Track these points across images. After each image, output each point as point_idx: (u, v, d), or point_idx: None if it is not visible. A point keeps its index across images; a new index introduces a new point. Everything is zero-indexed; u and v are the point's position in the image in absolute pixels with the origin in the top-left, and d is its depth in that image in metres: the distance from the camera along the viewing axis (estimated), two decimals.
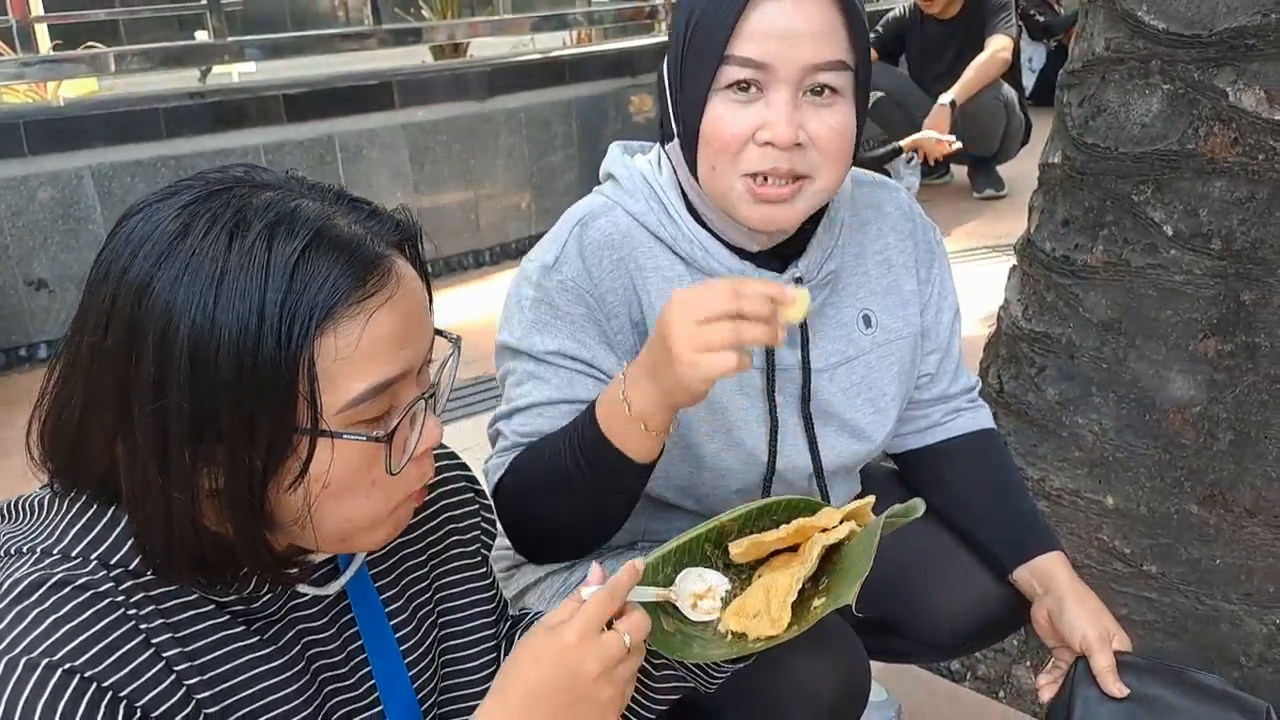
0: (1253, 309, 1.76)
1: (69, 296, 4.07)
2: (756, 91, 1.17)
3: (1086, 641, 1.31)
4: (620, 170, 1.34)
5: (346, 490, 0.86)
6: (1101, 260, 1.90)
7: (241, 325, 0.78)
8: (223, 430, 0.79)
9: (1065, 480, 1.97)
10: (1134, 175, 1.85)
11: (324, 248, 0.81)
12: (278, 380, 0.79)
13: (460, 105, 4.96)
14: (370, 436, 0.84)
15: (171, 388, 0.78)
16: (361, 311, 0.82)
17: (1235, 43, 1.71)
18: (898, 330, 1.42)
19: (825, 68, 1.16)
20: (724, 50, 1.15)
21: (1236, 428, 1.80)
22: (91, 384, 0.82)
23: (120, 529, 0.86)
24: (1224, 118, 1.74)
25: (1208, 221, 1.78)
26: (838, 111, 1.19)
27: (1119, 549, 1.93)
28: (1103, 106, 1.90)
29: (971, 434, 1.51)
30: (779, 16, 1.14)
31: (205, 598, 0.89)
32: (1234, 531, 1.83)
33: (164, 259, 0.80)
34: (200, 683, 0.86)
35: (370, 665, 1.03)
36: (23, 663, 0.78)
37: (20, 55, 4.42)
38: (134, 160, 4.13)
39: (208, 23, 4.77)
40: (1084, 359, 1.94)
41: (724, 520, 1.11)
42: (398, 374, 0.85)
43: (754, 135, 1.17)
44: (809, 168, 1.20)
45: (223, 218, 0.80)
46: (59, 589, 0.82)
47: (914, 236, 1.45)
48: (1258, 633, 1.84)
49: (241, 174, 0.86)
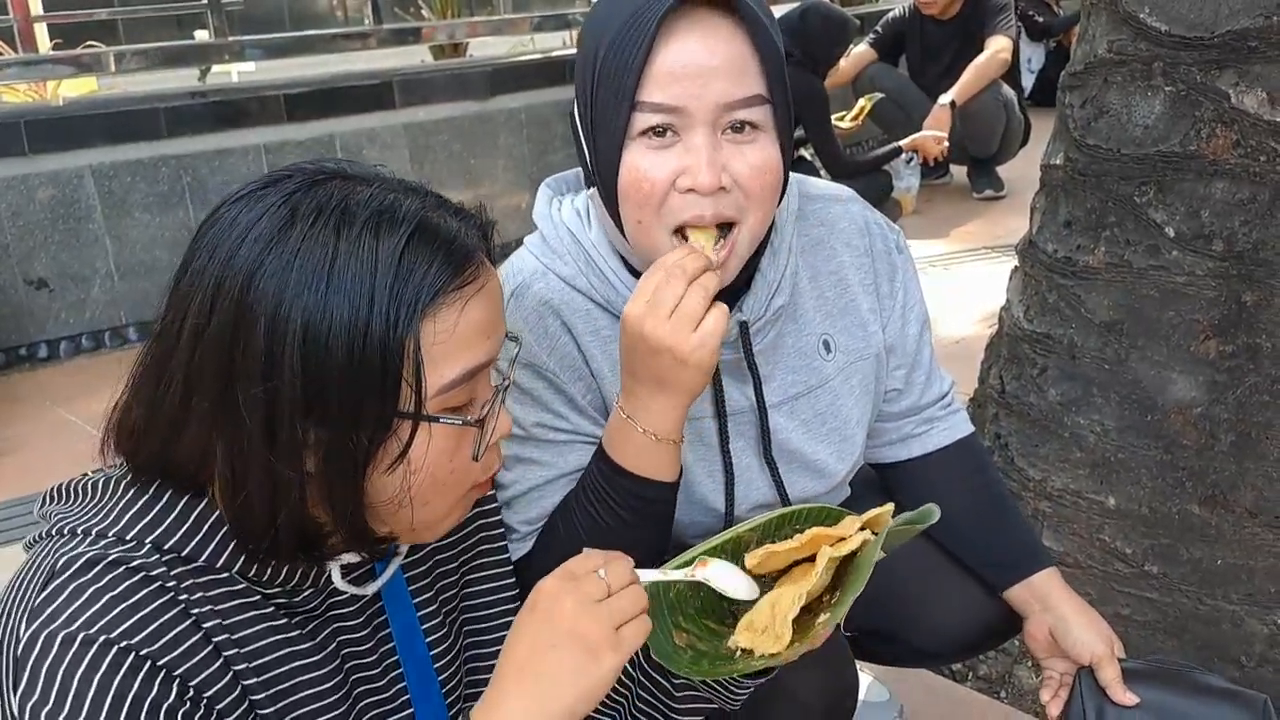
0: (1254, 310, 1.77)
1: (69, 296, 4.07)
2: (673, 135, 1.10)
3: (1096, 656, 1.32)
4: (546, 227, 1.28)
5: (431, 475, 0.89)
6: (1103, 261, 1.90)
7: (353, 309, 0.82)
8: (330, 411, 0.82)
9: (1067, 481, 1.98)
10: (1136, 177, 1.85)
11: (425, 239, 0.85)
12: (385, 363, 0.83)
13: (460, 105, 4.96)
14: (465, 421, 0.88)
15: (283, 369, 0.81)
16: (459, 299, 0.87)
17: (1237, 45, 1.71)
18: (858, 351, 1.37)
19: (741, 104, 1.09)
20: (634, 96, 1.08)
21: (1238, 429, 1.81)
22: (194, 366, 0.84)
23: (177, 516, 0.88)
24: (1226, 120, 1.75)
25: (1209, 223, 1.78)
26: (760, 148, 1.12)
27: (1120, 549, 1.93)
28: (1105, 108, 1.90)
29: (950, 446, 1.47)
30: (686, 56, 1.07)
31: (252, 588, 0.91)
32: (1235, 532, 1.84)
33: (273, 245, 0.83)
34: (247, 669, 0.89)
35: (401, 667, 1.05)
36: (79, 639, 0.80)
37: (20, 55, 4.42)
38: (134, 160, 4.13)
39: (208, 22, 4.79)
40: (1086, 360, 1.94)
41: (741, 532, 1.09)
42: (486, 360, 0.90)
43: (675, 182, 1.11)
44: (735, 211, 1.13)
45: (328, 208, 0.84)
46: (113, 568, 0.84)
47: (870, 252, 1.38)
48: (1259, 633, 1.85)
49: (335, 167, 0.90)
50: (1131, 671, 1.32)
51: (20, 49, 4.45)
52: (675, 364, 1.06)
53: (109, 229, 4.11)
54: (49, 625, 0.81)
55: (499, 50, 6.05)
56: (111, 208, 4.09)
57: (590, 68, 1.12)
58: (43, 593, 0.83)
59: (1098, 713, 1.30)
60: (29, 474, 3.12)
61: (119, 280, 4.16)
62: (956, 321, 3.81)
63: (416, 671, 1.06)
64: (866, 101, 5.43)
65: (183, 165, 4.22)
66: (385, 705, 1.03)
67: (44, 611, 0.82)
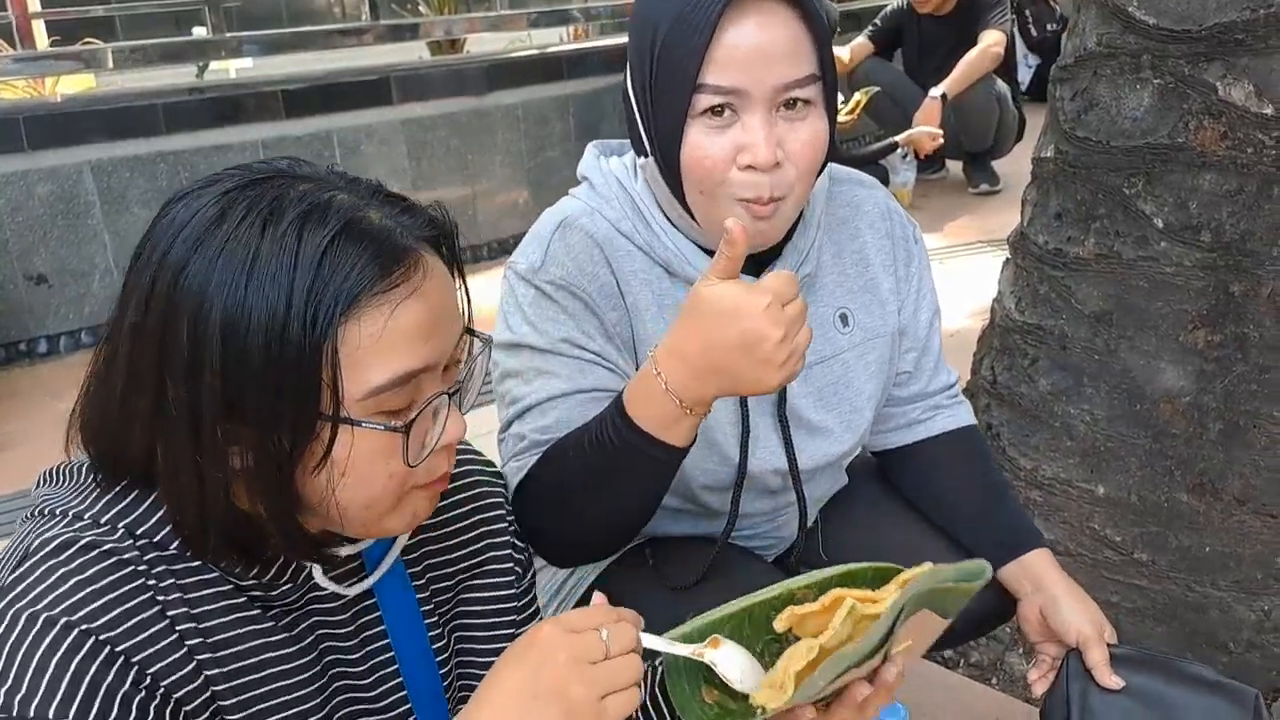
0: (1242, 300, 1.79)
1: (69, 291, 4.09)
2: (731, 114, 1.17)
3: (1083, 637, 1.34)
4: (595, 175, 1.34)
5: (364, 477, 0.87)
6: (1093, 252, 1.92)
7: (270, 309, 0.80)
8: (250, 411, 0.82)
9: (1057, 470, 2.00)
10: (1125, 168, 1.87)
11: (353, 237, 0.83)
12: (303, 364, 0.81)
13: (458, 101, 4.98)
14: (389, 426, 0.86)
15: (204, 367, 0.81)
16: (386, 302, 0.84)
17: (1225, 37, 1.73)
18: (875, 329, 1.43)
19: (797, 84, 1.16)
20: (696, 79, 1.14)
21: (1226, 417, 1.83)
22: (133, 363, 0.84)
23: (149, 507, 0.89)
24: (1214, 111, 1.76)
25: (1198, 214, 1.80)
26: (810, 124, 1.20)
27: (1110, 537, 1.95)
28: (1095, 101, 1.92)
29: (952, 432, 1.52)
30: (746, 40, 1.13)
31: (225, 578, 0.91)
32: (1223, 519, 1.86)
33: (200, 242, 0.82)
34: (211, 659, 0.88)
35: (392, 666, 1.04)
36: (42, 619, 0.81)
37: (19, 51, 4.43)
38: (133, 155, 4.14)
39: (205, 19, 4.80)
40: (1076, 350, 1.96)
41: (794, 587, 1.04)
42: (420, 367, 0.86)
43: (735, 159, 1.18)
44: (786, 188, 1.20)
45: (258, 205, 0.83)
46: (86, 551, 0.85)
47: (891, 235, 1.45)
48: (1246, 619, 1.87)
49: (284, 166, 0.89)
50: (1120, 657, 1.33)
51: (19, 46, 4.46)
52: (764, 360, 1.04)
53: (108, 225, 4.12)
54: (16, 604, 0.82)
55: (496, 46, 6.06)
56: (110, 204, 4.11)
57: (649, 48, 1.18)
58: (14, 572, 0.84)
59: (1082, 695, 1.30)
60: (28, 468, 3.10)
61: (118, 275, 4.15)
62: (952, 315, 3.82)
63: (415, 673, 1.05)
64: (863, 95, 5.44)
65: (181, 161, 4.24)
66: (369, 704, 1.02)
67: (13, 590, 0.83)
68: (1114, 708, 1.29)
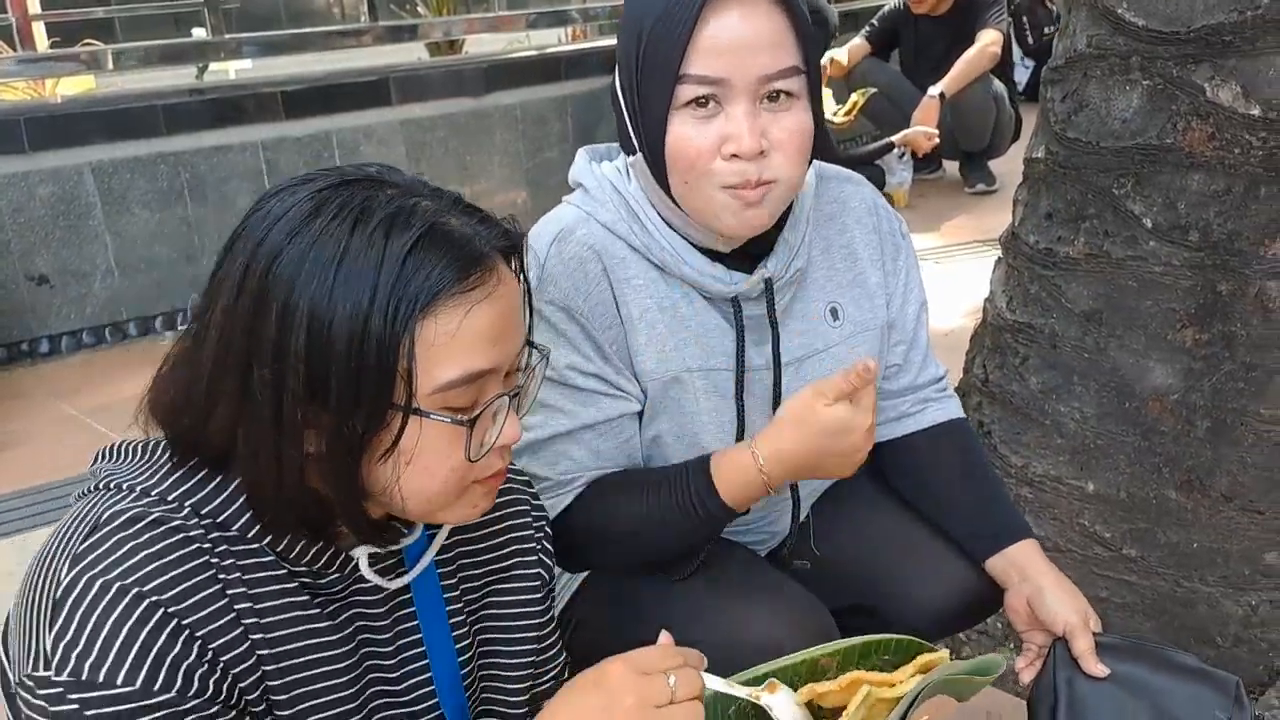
0: (1229, 299, 1.81)
1: (70, 291, 4.11)
2: (715, 105, 1.20)
3: (1069, 626, 1.35)
4: (589, 180, 1.37)
5: (427, 468, 0.92)
6: (1083, 252, 1.95)
7: (356, 300, 0.86)
8: (329, 397, 0.87)
9: (1047, 467, 2.02)
10: (1115, 169, 1.89)
11: (435, 241, 0.89)
12: (381, 356, 0.86)
13: (456, 102, 5.00)
14: (455, 420, 0.91)
15: (289, 351, 0.86)
16: (462, 304, 0.89)
17: (1212, 39, 1.75)
18: (864, 322, 1.46)
19: (779, 76, 1.20)
20: (679, 69, 1.18)
21: (1213, 415, 1.85)
22: (222, 344, 0.89)
23: (215, 486, 0.93)
24: (1202, 113, 1.79)
25: (1186, 214, 1.82)
26: (795, 114, 1.23)
27: (1099, 533, 1.98)
28: (1085, 102, 1.94)
29: (941, 425, 1.54)
30: (730, 31, 1.17)
31: (279, 562, 0.95)
32: (1210, 516, 1.88)
33: (294, 234, 0.87)
34: (263, 639, 0.92)
35: (422, 661, 1.08)
36: (115, 587, 0.85)
37: (20, 53, 4.45)
38: (133, 156, 4.17)
39: (205, 20, 4.81)
40: (1066, 349, 1.98)
41: (818, 655, 1.09)
42: (487, 368, 0.92)
43: (720, 149, 1.21)
44: (774, 173, 1.23)
45: (350, 205, 0.88)
46: (154, 526, 0.89)
47: (878, 230, 1.48)
48: (1234, 614, 1.90)
49: (374, 172, 0.94)
50: (1106, 645, 1.35)
51: (20, 48, 4.48)
52: (852, 463, 1.26)
53: (109, 225, 4.14)
54: (89, 571, 0.86)
55: (495, 47, 6.08)
56: (111, 204, 4.13)
57: (635, 45, 1.21)
58: (86, 541, 0.88)
59: (1068, 683, 1.32)
60: (31, 467, 3.16)
61: (119, 276, 4.20)
62: (948, 314, 3.85)
63: (441, 668, 1.09)
64: (860, 95, 5.46)
65: (181, 162, 4.26)
66: (397, 698, 1.06)
67: (85, 558, 0.87)
68: (1099, 695, 1.31)
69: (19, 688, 0.88)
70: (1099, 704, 1.30)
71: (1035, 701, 1.37)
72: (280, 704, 0.95)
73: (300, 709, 0.96)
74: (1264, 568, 1.88)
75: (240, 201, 4.41)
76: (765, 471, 1.25)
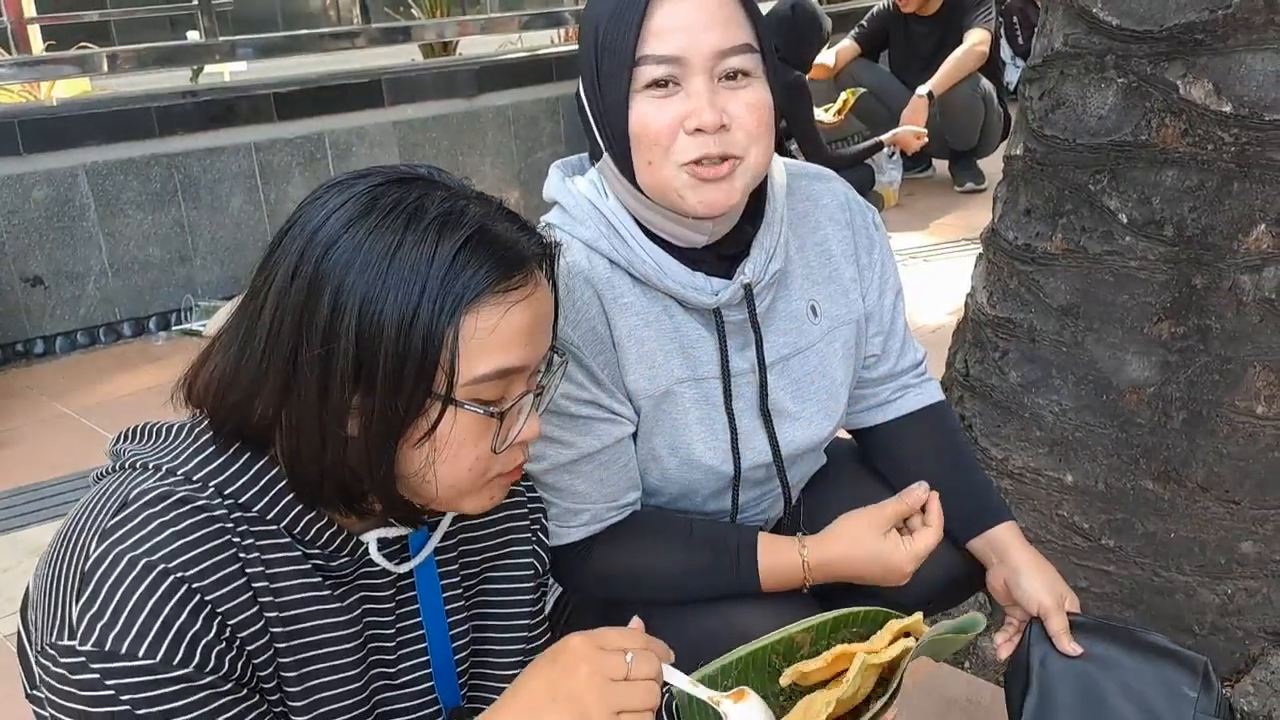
0: (1204, 293, 1.84)
1: (64, 293, 4.13)
2: (674, 85, 1.22)
3: (1043, 607, 1.39)
4: (565, 198, 1.37)
5: (455, 456, 0.97)
6: (1061, 247, 1.98)
7: (406, 291, 0.91)
8: (375, 381, 0.91)
9: (1027, 459, 2.05)
10: (1091, 165, 1.92)
11: (483, 243, 0.94)
12: (427, 344, 0.91)
13: (449, 103, 5.03)
14: (487, 411, 0.96)
15: (340, 335, 0.90)
16: (503, 303, 0.94)
17: (1185, 38, 1.78)
18: (841, 317, 1.48)
19: (733, 52, 1.22)
20: (635, 53, 1.21)
21: (1189, 407, 1.88)
22: (275, 324, 0.93)
23: (239, 468, 0.97)
24: (1175, 110, 1.82)
25: (1160, 209, 1.85)
26: (753, 90, 1.25)
27: (1078, 524, 2.01)
28: (1062, 100, 1.97)
29: (922, 410, 1.59)
30: (681, 12, 1.21)
31: (295, 544, 0.99)
32: (1187, 506, 1.91)
33: (351, 224, 0.92)
34: (277, 617, 0.96)
35: (420, 644, 1.12)
36: (142, 563, 0.89)
37: (15, 56, 4.48)
38: (128, 159, 4.20)
39: (199, 23, 4.83)
40: (1045, 343, 2.02)
41: (793, 632, 1.13)
42: (519, 365, 0.97)
43: (682, 125, 1.23)
44: (738, 148, 1.25)
45: (405, 202, 0.93)
46: (180, 505, 0.93)
47: (851, 225, 1.50)
48: (1210, 602, 1.93)
49: (425, 173, 0.99)
50: (1079, 625, 1.38)
51: (15, 51, 4.50)
52: (885, 577, 1.35)
53: (103, 227, 4.17)
54: (117, 546, 0.89)
55: (487, 49, 6.11)
56: (105, 206, 4.16)
57: (592, 44, 1.25)
58: (115, 517, 0.92)
59: (1042, 661, 1.36)
60: (25, 466, 3.18)
61: (113, 277, 4.23)
62: (934, 311, 3.89)
63: (440, 655, 1.13)
64: (850, 95, 5.49)
65: (175, 164, 4.29)
66: (393, 680, 1.10)
67: (114, 534, 0.90)
68: (1071, 673, 1.34)
69: (40, 656, 0.91)
70: (1070, 682, 1.34)
71: (1010, 678, 1.41)
72: (290, 680, 0.98)
73: (308, 686, 1.00)
74: (1239, 557, 1.91)
75: (234, 202, 4.44)
76: (809, 576, 1.35)
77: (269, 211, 4.53)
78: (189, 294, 4.39)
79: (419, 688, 1.12)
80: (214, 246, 4.44)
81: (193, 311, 4.35)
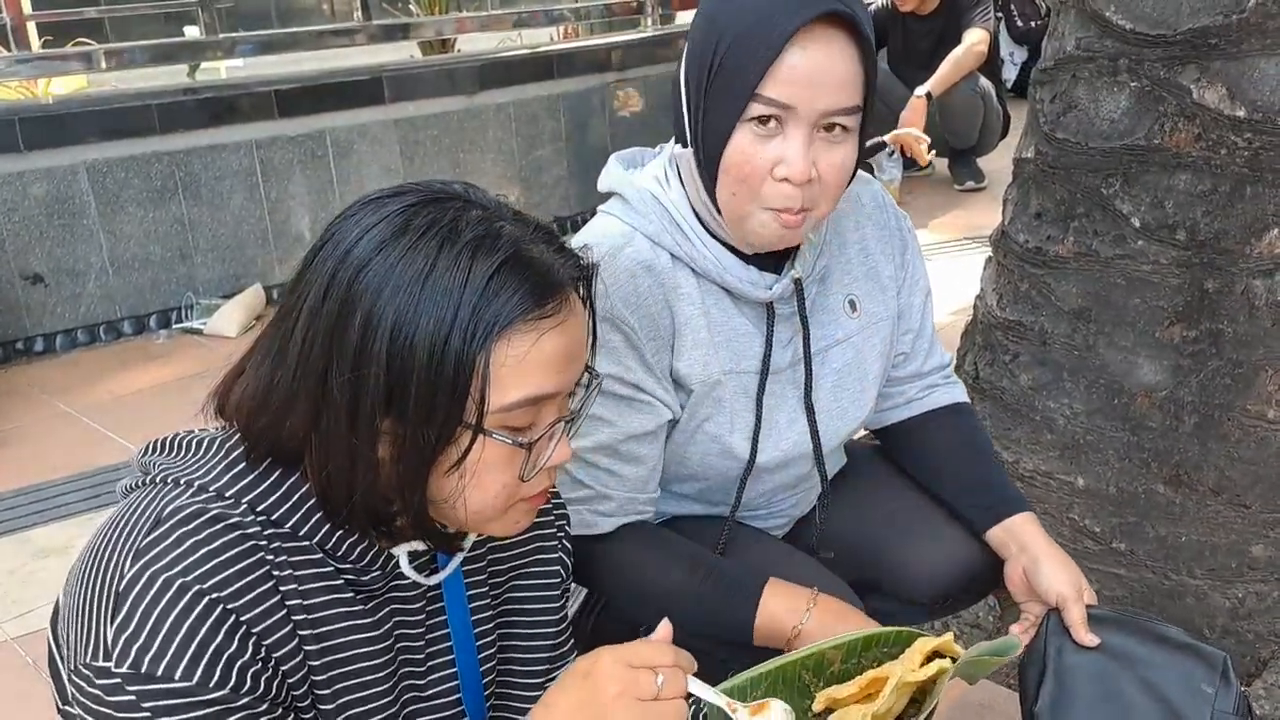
0: (1216, 297, 1.84)
1: (64, 290, 4.12)
2: (776, 125, 1.24)
3: (1062, 597, 1.40)
4: (628, 190, 1.40)
5: (482, 484, 0.95)
6: (1072, 251, 1.98)
7: (439, 316, 0.88)
8: (406, 406, 0.89)
9: (1038, 462, 2.05)
10: (1103, 169, 1.92)
11: (517, 267, 0.91)
12: (458, 372, 0.89)
13: (449, 100, 5.01)
14: (516, 442, 0.94)
15: (371, 358, 0.88)
16: (535, 329, 0.92)
17: (1198, 42, 1.78)
18: (878, 313, 1.52)
19: (842, 113, 1.24)
20: (754, 89, 1.21)
21: (1201, 410, 1.88)
22: (306, 343, 0.91)
23: (271, 484, 0.96)
24: (1188, 114, 1.82)
25: (1173, 213, 1.85)
26: (845, 149, 1.27)
27: (1089, 528, 2.01)
28: (1073, 103, 1.97)
29: (946, 407, 1.61)
30: (808, 64, 1.21)
31: (327, 560, 0.98)
32: (1198, 510, 1.91)
33: (384, 245, 0.90)
34: (311, 634, 0.95)
35: (448, 657, 1.11)
36: (177, 584, 0.88)
37: (13, 53, 4.45)
38: (127, 155, 4.18)
39: (198, 19, 4.81)
40: (1056, 346, 2.02)
41: (824, 648, 1.13)
42: (551, 391, 0.95)
43: (772, 170, 1.25)
44: (813, 201, 1.28)
45: (439, 223, 0.91)
46: (214, 524, 0.92)
47: (887, 226, 1.55)
48: (1221, 606, 1.93)
49: (459, 190, 0.96)
50: (1097, 617, 1.38)
51: (14, 47, 4.48)
52: None
53: (103, 224, 4.15)
54: (152, 566, 0.88)
55: (487, 46, 6.09)
56: (105, 203, 4.14)
57: (711, 51, 1.24)
58: (149, 536, 0.90)
59: (1058, 651, 1.35)
60: (26, 465, 3.17)
61: (113, 275, 4.21)
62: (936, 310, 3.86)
63: (466, 666, 1.12)
64: None
65: (175, 161, 4.27)
66: (422, 693, 1.10)
67: (149, 553, 0.89)
68: (1087, 664, 1.34)
69: (74, 675, 0.91)
70: (1087, 672, 1.34)
71: (1025, 667, 1.40)
72: (324, 698, 0.98)
73: (341, 702, 0.99)
74: (1250, 560, 1.91)
75: (235, 200, 4.42)
76: (800, 628, 1.33)
77: (270, 209, 4.52)
78: (190, 292, 4.37)
79: (448, 699, 1.11)
80: (215, 244, 4.42)
81: (193, 309, 4.34)
